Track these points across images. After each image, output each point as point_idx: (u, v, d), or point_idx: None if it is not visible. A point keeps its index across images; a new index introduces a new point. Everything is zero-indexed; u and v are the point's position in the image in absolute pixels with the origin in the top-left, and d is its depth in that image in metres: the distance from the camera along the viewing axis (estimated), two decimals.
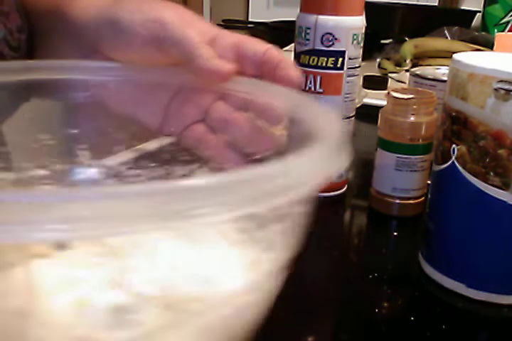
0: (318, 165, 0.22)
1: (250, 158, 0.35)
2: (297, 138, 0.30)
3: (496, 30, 1.19)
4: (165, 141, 0.38)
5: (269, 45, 0.34)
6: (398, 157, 0.47)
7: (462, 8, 1.49)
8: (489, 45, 0.89)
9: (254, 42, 0.35)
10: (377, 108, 0.49)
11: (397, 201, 0.48)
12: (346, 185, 0.53)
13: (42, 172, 0.35)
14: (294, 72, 0.33)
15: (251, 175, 0.19)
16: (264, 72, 0.34)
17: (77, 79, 0.35)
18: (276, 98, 0.32)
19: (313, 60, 0.47)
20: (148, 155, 0.38)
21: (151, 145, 0.39)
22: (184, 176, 0.37)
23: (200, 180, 0.18)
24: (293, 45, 0.50)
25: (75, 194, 0.17)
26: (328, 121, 0.27)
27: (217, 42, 0.34)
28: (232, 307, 0.25)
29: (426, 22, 1.19)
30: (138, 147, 0.38)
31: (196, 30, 0.33)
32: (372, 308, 0.36)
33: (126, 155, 0.38)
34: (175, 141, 0.37)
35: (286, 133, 0.35)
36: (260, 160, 0.34)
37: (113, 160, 0.37)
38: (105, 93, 0.36)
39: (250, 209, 0.19)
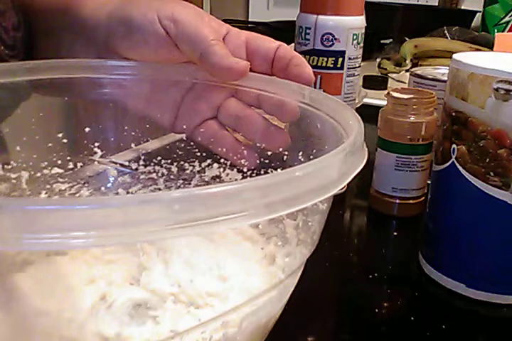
0: (346, 164, 0.22)
1: (263, 155, 0.35)
2: (316, 135, 0.30)
3: (495, 30, 1.19)
4: (177, 137, 0.38)
5: (281, 42, 0.35)
6: (398, 157, 0.47)
7: (462, 8, 1.49)
8: (489, 45, 0.89)
9: (266, 39, 0.35)
10: (377, 108, 0.49)
11: (397, 201, 0.48)
12: (346, 185, 0.53)
13: (56, 170, 0.35)
14: (307, 69, 0.33)
15: (283, 177, 0.19)
16: (276, 68, 0.34)
17: (92, 78, 0.35)
18: (290, 94, 0.32)
19: (313, 60, 0.47)
20: (160, 151, 0.38)
21: (163, 141, 0.39)
22: (198, 173, 0.37)
23: (230, 185, 0.18)
24: (293, 45, 0.50)
25: (102, 202, 0.17)
26: (347, 118, 0.27)
27: (228, 40, 0.34)
28: (250, 303, 0.25)
29: (426, 22, 1.19)
30: (149, 144, 0.38)
31: (209, 28, 0.33)
32: (372, 308, 0.36)
33: (138, 152, 0.38)
34: (187, 137, 0.37)
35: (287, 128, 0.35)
36: (273, 156, 0.34)
37: (126, 157, 0.38)
38: (119, 91, 0.36)
39: (281, 212, 0.19)
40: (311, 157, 0.30)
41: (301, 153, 0.32)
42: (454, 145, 0.35)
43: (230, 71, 0.32)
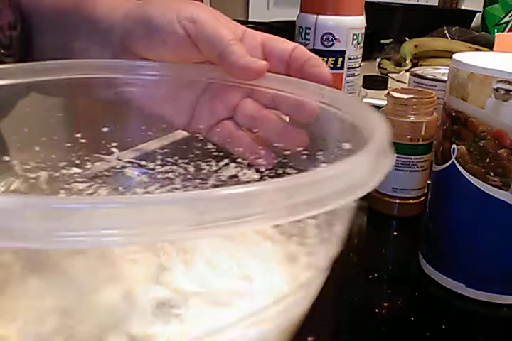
0: (374, 165, 0.22)
1: (281, 154, 0.35)
2: (337, 135, 0.30)
3: (496, 30, 1.19)
4: (177, 137, 0.38)
5: (296, 44, 0.35)
6: (398, 157, 0.47)
7: (462, 8, 1.49)
8: (489, 45, 0.89)
9: (281, 40, 0.35)
10: (377, 108, 0.49)
11: (397, 201, 0.48)
12: None
13: (74, 170, 0.35)
14: (324, 69, 0.33)
15: (308, 179, 0.19)
16: (292, 69, 0.34)
17: (108, 78, 0.35)
18: (308, 94, 0.32)
19: None
20: (177, 151, 0.38)
21: (163, 141, 0.39)
22: (215, 172, 0.37)
23: (254, 186, 0.18)
24: None
25: (127, 201, 0.17)
26: (370, 118, 0.27)
27: (244, 41, 0.34)
28: (280, 302, 0.25)
29: (426, 22, 1.19)
30: (148, 144, 0.38)
31: (227, 28, 0.33)
32: (372, 308, 0.36)
33: (154, 151, 0.38)
34: (204, 137, 0.37)
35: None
36: (291, 156, 0.34)
37: (143, 155, 0.38)
38: (135, 91, 0.36)
39: (305, 214, 0.19)
40: (332, 156, 0.30)
41: (321, 153, 0.32)
42: (454, 145, 0.35)
43: (248, 70, 0.32)
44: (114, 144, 0.36)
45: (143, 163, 0.37)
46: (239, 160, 0.36)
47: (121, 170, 0.37)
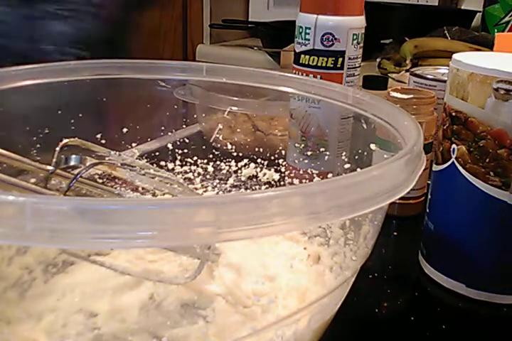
0: (407, 170, 0.21)
1: (303, 154, 0.35)
2: (362, 136, 0.30)
3: (496, 30, 1.19)
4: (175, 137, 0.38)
5: None
6: None
7: (462, 8, 1.48)
8: (489, 45, 0.89)
9: None
10: None
11: (397, 201, 0.48)
12: None
13: (95, 171, 0.35)
14: None
15: (338, 183, 0.19)
16: None
17: (131, 79, 0.36)
18: (333, 95, 0.32)
19: (313, 60, 0.47)
20: (196, 152, 0.38)
21: (162, 142, 0.39)
22: (234, 172, 0.37)
23: (288, 190, 0.18)
24: (293, 45, 0.50)
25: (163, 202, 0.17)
26: (401, 120, 0.26)
27: None
28: (316, 303, 0.25)
29: (426, 22, 1.19)
30: (148, 144, 0.39)
31: None
32: (372, 308, 0.36)
33: (174, 152, 0.38)
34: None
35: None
36: (313, 157, 0.34)
37: (162, 156, 0.38)
38: (157, 92, 0.37)
39: (330, 220, 0.19)
40: (356, 157, 0.30)
41: (344, 154, 0.32)
42: (454, 145, 0.35)
43: None
44: (134, 145, 0.37)
45: (162, 163, 0.37)
46: (259, 160, 0.36)
47: (141, 172, 0.37)
